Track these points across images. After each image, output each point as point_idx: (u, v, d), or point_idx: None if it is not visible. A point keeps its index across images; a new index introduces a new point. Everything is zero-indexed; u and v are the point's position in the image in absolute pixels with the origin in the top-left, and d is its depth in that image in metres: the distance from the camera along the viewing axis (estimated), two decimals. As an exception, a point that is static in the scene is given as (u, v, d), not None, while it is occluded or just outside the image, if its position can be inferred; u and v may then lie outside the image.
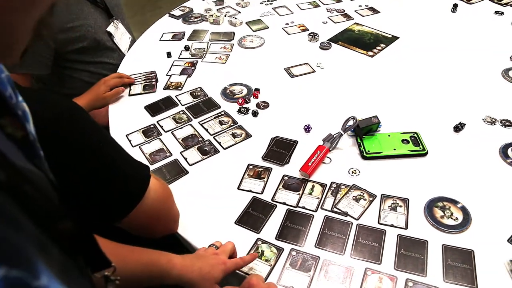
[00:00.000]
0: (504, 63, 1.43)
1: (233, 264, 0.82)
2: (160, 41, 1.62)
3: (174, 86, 1.37)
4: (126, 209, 0.74)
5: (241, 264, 0.83)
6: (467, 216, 0.94)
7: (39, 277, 0.28)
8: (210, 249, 0.85)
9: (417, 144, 1.11)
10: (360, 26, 1.68)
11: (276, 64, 1.46)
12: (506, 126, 1.18)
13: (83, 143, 0.67)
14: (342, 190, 1.01)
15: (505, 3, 1.80)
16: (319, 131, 1.16)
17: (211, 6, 1.84)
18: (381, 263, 0.86)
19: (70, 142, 0.65)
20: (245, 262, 0.84)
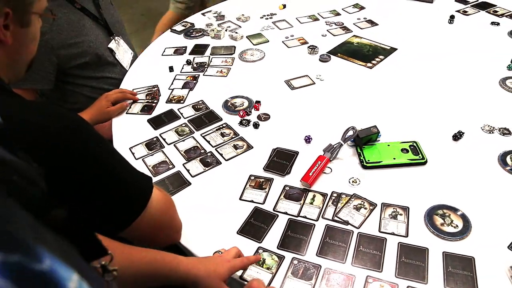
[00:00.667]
0: (501, 73, 1.45)
1: (238, 261, 0.83)
2: (163, 56, 1.65)
3: (177, 100, 1.39)
4: (128, 219, 0.75)
5: (246, 262, 0.84)
6: (467, 223, 0.95)
7: (41, 260, 0.28)
8: (215, 254, 0.87)
9: (416, 153, 1.12)
10: (358, 38, 1.70)
11: (276, 77, 1.48)
12: (505, 134, 1.19)
13: (86, 154, 0.69)
14: (343, 199, 1.02)
15: (500, 14, 1.83)
16: (319, 141, 1.17)
17: (212, 21, 1.87)
18: (382, 271, 0.87)
19: (73, 152, 0.67)
20: (250, 261, 0.85)
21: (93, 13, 1.53)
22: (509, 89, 1.37)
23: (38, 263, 0.28)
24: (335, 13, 1.91)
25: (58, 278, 0.29)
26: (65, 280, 0.30)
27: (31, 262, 0.27)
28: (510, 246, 0.90)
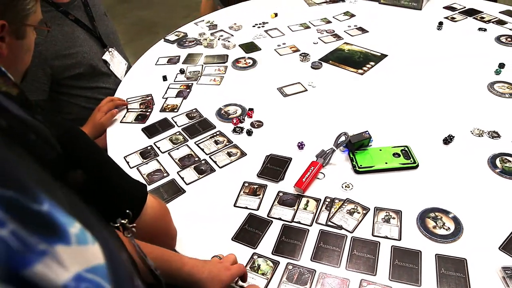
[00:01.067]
0: (490, 77, 1.47)
1: (236, 269, 0.84)
2: (156, 65, 1.66)
3: (170, 108, 1.40)
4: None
5: (243, 268, 0.86)
6: (458, 225, 0.96)
7: (39, 202, 0.29)
8: (214, 258, 0.88)
9: (408, 157, 1.14)
10: (349, 45, 1.73)
11: (269, 84, 1.50)
12: (494, 138, 1.21)
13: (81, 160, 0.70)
14: (336, 204, 1.03)
15: (487, 20, 1.86)
16: (312, 147, 1.19)
17: (205, 30, 1.89)
18: (376, 275, 0.88)
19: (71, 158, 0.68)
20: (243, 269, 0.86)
21: (87, 24, 1.55)
22: (497, 93, 1.39)
23: (36, 203, 0.29)
24: (326, 21, 1.93)
25: (58, 222, 0.30)
26: (66, 225, 0.30)
27: (28, 201, 0.28)
28: (501, 247, 0.91)
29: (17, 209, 0.27)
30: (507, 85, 1.43)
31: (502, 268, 0.86)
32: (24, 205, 0.28)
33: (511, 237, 0.93)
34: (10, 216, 0.26)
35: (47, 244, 0.28)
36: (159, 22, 4.11)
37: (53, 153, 0.39)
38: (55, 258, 0.28)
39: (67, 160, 0.41)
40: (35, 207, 0.29)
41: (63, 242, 0.29)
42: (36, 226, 0.28)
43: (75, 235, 0.31)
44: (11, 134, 0.34)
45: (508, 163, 1.12)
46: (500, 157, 1.14)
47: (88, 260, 0.31)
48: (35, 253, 0.27)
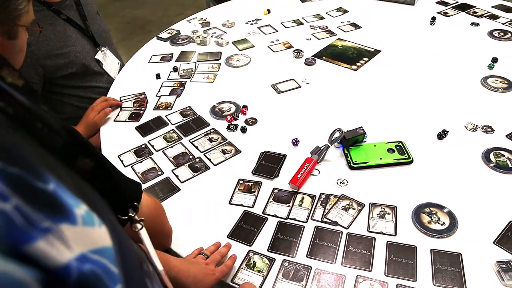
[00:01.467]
0: (483, 72, 1.48)
1: (220, 272, 0.85)
2: (149, 64, 1.65)
3: (164, 106, 1.40)
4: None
5: (226, 270, 0.86)
6: (453, 220, 0.97)
7: (45, 181, 0.29)
8: (200, 257, 0.87)
9: (402, 152, 1.14)
10: (343, 41, 1.73)
11: (262, 81, 1.49)
12: (487, 132, 1.21)
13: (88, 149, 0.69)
14: (331, 200, 1.03)
15: (480, 15, 1.87)
16: (306, 144, 1.18)
17: (198, 28, 1.88)
18: (371, 270, 0.88)
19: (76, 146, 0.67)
20: (229, 267, 0.87)
21: (79, 24, 1.53)
22: (490, 88, 1.40)
23: (41, 182, 0.28)
24: (319, 17, 1.93)
25: (64, 202, 0.29)
26: (72, 206, 0.30)
27: (33, 179, 0.28)
28: (495, 241, 0.92)
29: (21, 185, 0.27)
30: (500, 80, 1.43)
31: (497, 262, 0.87)
32: (29, 182, 0.27)
33: (505, 231, 0.94)
34: (14, 191, 0.26)
35: (51, 222, 0.28)
36: (152, 20, 4.10)
37: (60, 141, 0.39)
38: (59, 236, 0.28)
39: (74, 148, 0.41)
40: (40, 185, 0.28)
41: (69, 222, 0.29)
42: (41, 203, 0.28)
43: (81, 216, 0.30)
44: (17, 121, 0.34)
45: (502, 157, 1.12)
46: (494, 152, 1.14)
47: (94, 241, 0.31)
48: (38, 229, 0.26)
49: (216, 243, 0.94)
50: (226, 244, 0.93)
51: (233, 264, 0.89)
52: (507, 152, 1.14)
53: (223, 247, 0.92)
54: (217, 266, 0.87)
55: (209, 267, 0.85)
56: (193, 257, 0.89)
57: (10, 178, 0.26)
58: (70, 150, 0.41)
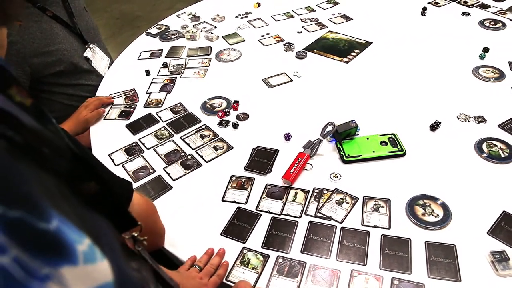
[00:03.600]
0: (474, 62, 1.47)
1: (212, 284, 0.85)
2: (139, 60, 1.63)
3: (154, 103, 1.38)
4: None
5: (219, 281, 0.86)
6: (447, 212, 0.96)
7: (48, 219, 0.28)
8: (193, 270, 0.87)
9: (395, 145, 1.13)
10: (334, 33, 1.71)
11: (254, 76, 1.48)
12: (480, 122, 1.21)
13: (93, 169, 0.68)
14: (325, 195, 1.02)
15: (471, 4, 1.86)
16: (299, 138, 1.18)
17: (187, 23, 1.86)
18: (366, 264, 0.88)
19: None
20: (221, 277, 0.87)
21: (66, 21, 1.51)
22: (482, 78, 1.39)
23: (44, 222, 0.28)
24: (310, 10, 1.91)
25: (66, 239, 0.29)
26: (74, 242, 0.30)
27: (35, 220, 0.27)
28: (489, 231, 0.92)
29: (22, 231, 0.26)
30: (492, 69, 1.43)
31: (491, 252, 0.87)
32: (31, 225, 0.27)
33: (498, 222, 0.94)
34: (13, 240, 0.25)
35: (51, 267, 0.27)
36: (141, 15, 4.06)
37: (66, 165, 0.39)
38: (59, 281, 0.27)
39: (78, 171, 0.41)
40: (42, 226, 0.28)
41: (70, 263, 0.29)
42: (41, 248, 0.27)
43: (83, 252, 0.30)
44: (26, 150, 0.33)
45: (494, 147, 1.12)
46: (486, 142, 1.14)
47: (95, 279, 0.31)
48: (37, 279, 0.26)
49: (208, 251, 0.92)
50: (219, 252, 0.91)
51: (225, 273, 0.88)
52: (499, 142, 1.14)
53: (215, 257, 0.91)
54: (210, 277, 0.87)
55: (203, 281, 0.85)
56: (186, 269, 0.88)
57: (10, 225, 0.25)
58: (75, 173, 0.40)
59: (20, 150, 0.32)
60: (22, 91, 0.39)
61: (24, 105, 0.39)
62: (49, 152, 0.37)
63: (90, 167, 0.43)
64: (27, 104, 0.39)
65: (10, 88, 0.38)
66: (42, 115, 0.40)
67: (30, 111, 0.39)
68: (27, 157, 0.33)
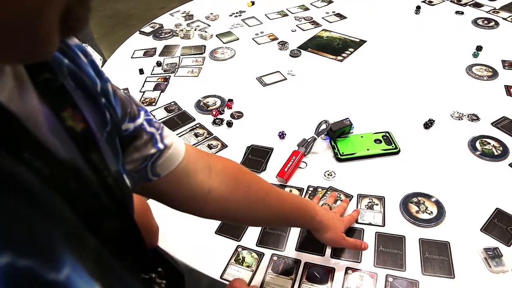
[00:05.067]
0: (468, 60, 1.48)
1: (347, 221, 0.91)
2: (132, 59, 1.63)
3: (148, 102, 1.37)
4: None
5: (352, 220, 0.93)
6: (441, 209, 0.97)
7: (58, 269, 0.27)
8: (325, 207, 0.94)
9: (389, 143, 1.14)
10: (328, 32, 1.72)
11: (248, 74, 1.48)
12: (473, 120, 1.22)
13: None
14: (319, 192, 1.02)
15: (464, 3, 1.87)
16: (293, 137, 1.17)
17: (181, 21, 1.86)
18: (361, 261, 0.88)
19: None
20: (354, 217, 0.94)
21: None
22: (475, 76, 1.40)
23: (54, 271, 0.26)
24: (304, 8, 1.91)
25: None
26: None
27: (45, 270, 0.26)
28: (482, 228, 0.92)
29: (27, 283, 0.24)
30: (485, 68, 1.44)
31: (484, 249, 0.87)
32: (39, 277, 0.25)
33: (492, 219, 0.94)
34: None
35: None
36: (135, 14, 4.04)
37: (93, 203, 0.37)
38: None
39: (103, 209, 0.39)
40: (51, 277, 0.26)
41: None
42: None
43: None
44: (51, 183, 0.31)
45: (487, 145, 1.13)
46: (480, 140, 1.14)
47: None
48: None
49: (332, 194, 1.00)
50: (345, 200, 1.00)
51: (357, 215, 0.96)
52: (492, 140, 1.14)
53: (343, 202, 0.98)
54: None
55: (337, 215, 0.91)
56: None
57: (15, 276, 0.23)
58: (99, 210, 0.38)
59: (45, 183, 0.30)
60: (77, 115, 0.38)
61: (74, 130, 0.37)
62: (77, 186, 0.35)
63: (120, 205, 0.41)
64: (77, 130, 0.38)
65: (64, 110, 0.37)
66: (89, 142, 0.39)
67: (77, 137, 0.37)
68: (51, 191, 0.31)
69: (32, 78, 0.35)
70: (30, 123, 0.32)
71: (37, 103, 0.35)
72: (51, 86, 0.37)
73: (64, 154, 0.35)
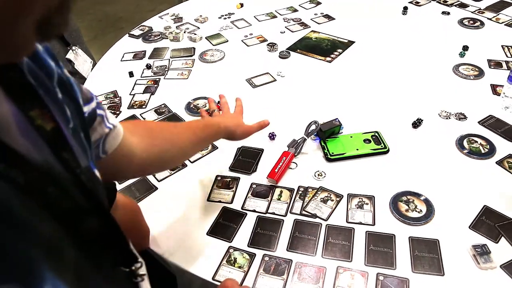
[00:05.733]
0: (454, 60, 1.50)
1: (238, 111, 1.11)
2: (122, 62, 1.62)
3: (138, 105, 1.37)
4: None
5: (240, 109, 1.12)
6: (430, 207, 0.98)
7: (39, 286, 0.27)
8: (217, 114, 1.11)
9: (378, 142, 1.15)
10: (317, 33, 1.73)
11: (237, 76, 1.48)
12: (461, 119, 1.23)
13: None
14: (310, 193, 1.03)
15: (450, 3, 1.90)
16: (283, 137, 1.18)
17: (170, 24, 1.86)
18: (352, 261, 0.88)
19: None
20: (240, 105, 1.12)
21: None
22: (462, 76, 1.42)
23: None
24: (293, 10, 1.92)
25: None
26: None
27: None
28: (471, 225, 0.93)
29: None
30: (472, 67, 1.46)
31: (472, 246, 0.88)
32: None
33: (480, 216, 0.95)
34: None
35: None
36: (124, 17, 4.03)
37: (69, 204, 0.37)
38: None
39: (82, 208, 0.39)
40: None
41: None
42: None
43: None
44: (28, 192, 0.31)
45: (475, 143, 1.14)
46: (467, 138, 1.16)
47: None
48: None
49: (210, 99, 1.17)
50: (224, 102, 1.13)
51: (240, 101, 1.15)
52: (479, 138, 1.16)
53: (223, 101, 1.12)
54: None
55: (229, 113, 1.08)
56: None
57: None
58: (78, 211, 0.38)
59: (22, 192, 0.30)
60: (45, 114, 0.37)
61: (44, 129, 0.37)
62: (54, 190, 0.35)
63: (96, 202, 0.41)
64: (47, 129, 0.37)
65: (32, 109, 0.36)
66: (60, 141, 0.39)
67: (48, 136, 0.37)
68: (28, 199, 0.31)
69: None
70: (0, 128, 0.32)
71: (5, 104, 0.34)
72: (17, 85, 0.36)
73: (37, 157, 0.35)
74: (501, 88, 1.32)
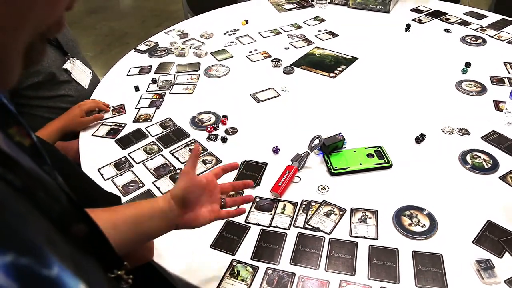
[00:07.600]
0: (457, 76, 1.51)
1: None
2: (128, 76, 1.65)
3: (144, 118, 1.39)
4: None
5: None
6: (433, 222, 0.98)
7: (50, 266, 0.28)
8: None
9: (381, 157, 1.15)
10: (320, 49, 1.75)
11: (242, 91, 1.50)
12: (463, 135, 1.24)
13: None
14: (313, 206, 1.04)
15: (452, 21, 1.92)
16: (287, 152, 1.19)
17: (176, 39, 1.88)
18: (355, 274, 0.88)
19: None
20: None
21: None
22: (465, 92, 1.43)
23: (47, 268, 0.28)
24: (297, 26, 1.95)
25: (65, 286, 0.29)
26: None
27: (40, 267, 0.27)
28: (474, 240, 0.93)
29: (29, 278, 0.26)
30: (474, 83, 1.47)
31: (476, 261, 0.88)
32: (37, 273, 0.27)
33: (483, 231, 0.95)
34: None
35: None
36: (130, 32, 4.08)
37: (58, 208, 0.39)
38: None
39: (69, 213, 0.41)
40: (46, 273, 0.28)
41: None
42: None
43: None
44: (24, 194, 0.33)
45: (478, 158, 1.15)
46: (470, 153, 1.16)
47: None
48: None
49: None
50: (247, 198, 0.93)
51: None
52: (482, 154, 1.16)
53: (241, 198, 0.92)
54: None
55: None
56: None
57: (21, 273, 0.26)
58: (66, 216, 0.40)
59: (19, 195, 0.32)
60: (22, 131, 0.39)
61: (23, 145, 0.38)
62: (44, 195, 0.37)
63: (80, 209, 0.43)
64: (26, 144, 0.39)
65: (10, 128, 0.38)
66: (39, 156, 0.40)
67: (28, 151, 0.38)
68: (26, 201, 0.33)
69: None
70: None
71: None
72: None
73: (26, 165, 0.36)
74: (503, 104, 1.33)
